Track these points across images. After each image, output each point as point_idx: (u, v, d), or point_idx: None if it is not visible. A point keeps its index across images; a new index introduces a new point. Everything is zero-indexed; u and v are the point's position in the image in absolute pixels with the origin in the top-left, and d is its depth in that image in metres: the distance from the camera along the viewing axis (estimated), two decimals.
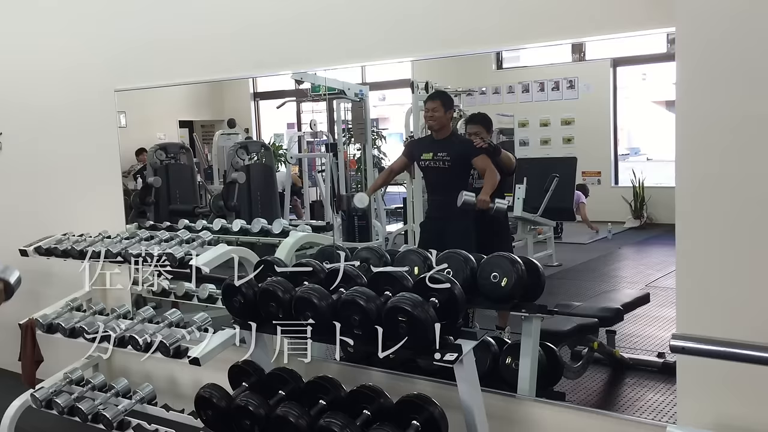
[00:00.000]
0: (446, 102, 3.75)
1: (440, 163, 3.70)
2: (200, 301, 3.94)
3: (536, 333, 2.86)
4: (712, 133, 2.13)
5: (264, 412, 2.74)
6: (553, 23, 2.77)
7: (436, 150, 3.71)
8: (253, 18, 3.62)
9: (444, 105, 3.71)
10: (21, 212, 4.87)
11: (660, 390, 3.03)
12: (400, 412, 2.59)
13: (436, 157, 3.71)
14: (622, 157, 4.32)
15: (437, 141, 3.73)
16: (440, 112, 3.69)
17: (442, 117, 3.70)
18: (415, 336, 2.45)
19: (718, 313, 2.17)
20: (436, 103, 3.72)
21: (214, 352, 3.10)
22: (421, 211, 4.12)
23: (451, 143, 3.71)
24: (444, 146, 3.69)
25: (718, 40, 2.09)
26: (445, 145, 3.70)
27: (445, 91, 3.96)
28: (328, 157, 4.74)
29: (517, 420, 2.90)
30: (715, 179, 2.14)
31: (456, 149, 3.69)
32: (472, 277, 2.83)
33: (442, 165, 3.69)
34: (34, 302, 4.32)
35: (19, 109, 4.80)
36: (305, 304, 2.70)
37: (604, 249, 4.39)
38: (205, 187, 5.16)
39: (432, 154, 3.72)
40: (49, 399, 3.69)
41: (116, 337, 3.45)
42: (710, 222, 2.17)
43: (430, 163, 3.73)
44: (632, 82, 4.38)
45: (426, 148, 3.77)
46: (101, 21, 4.27)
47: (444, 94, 3.90)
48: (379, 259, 3.16)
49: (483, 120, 3.91)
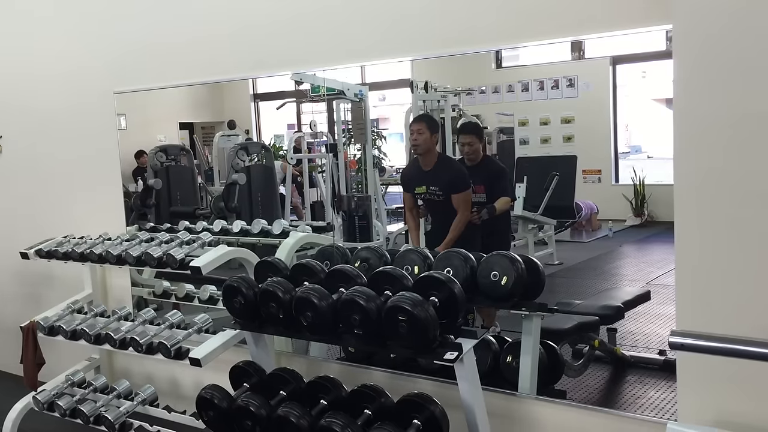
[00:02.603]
0: (432, 125, 3.67)
1: (434, 196, 3.65)
2: (201, 302, 3.95)
3: (537, 331, 2.86)
4: (711, 130, 2.13)
5: (265, 412, 2.74)
6: (551, 21, 2.76)
7: (428, 183, 3.64)
8: (251, 19, 3.63)
9: (429, 128, 3.63)
10: (21, 215, 4.89)
11: (661, 387, 3.03)
12: (401, 411, 2.59)
13: (429, 191, 3.66)
14: (623, 155, 4.31)
15: (426, 173, 3.64)
16: (425, 135, 3.60)
17: (427, 140, 3.60)
18: (416, 335, 2.45)
19: (718, 310, 2.17)
20: (421, 125, 3.63)
21: (215, 353, 3.10)
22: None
23: (439, 176, 3.62)
24: (434, 179, 3.61)
25: (715, 37, 2.09)
26: (435, 178, 3.61)
27: (430, 115, 3.91)
28: (328, 158, 4.74)
29: (518, 418, 2.90)
30: (713, 176, 2.14)
31: (445, 182, 3.60)
32: (472, 275, 2.82)
33: (437, 198, 3.64)
34: (35, 305, 4.34)
35: (18, 112, 4.81)
36: (305, 305, 2.70)
37: (604, 247, 4.39)
38: (206, 188, 5.17)
39: (425, 187, 3.66)
40: (50, 401, 3.70)
41: (117, 339, 3.46)
42: (709, 219, 2.17)
43: (425, 195, 3.69)
44: (632, 80, 4.37)
45: (418, 181, 3.69)
46: (100, 23, 4.28)
47: (430, 117, 3.84)
48: (379, 258, 3.17)
49: (475, 129, 3.88)
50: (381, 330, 2.54)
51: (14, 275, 4.88)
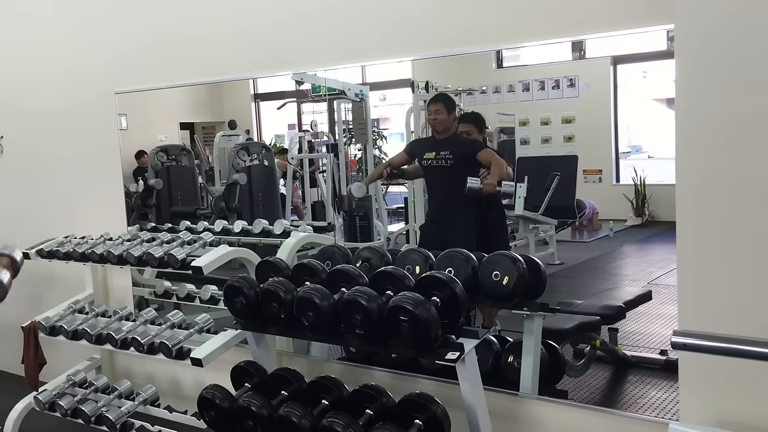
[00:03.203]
0: (449, 104, 3.77)
1: (443, 161, 3.70)
2: (202, 302, 3.95)
3: (538, 331, 2.86)
4: (712, 130, 2.13)
5: (267, 412, 2.74)
6: (551, 21, 2.76)
7: (438, 149, 3.72)
8: (252, 19, 3.63)
9: (447, 107, 3.73)
10: (22, 215, 4.88)
11: (662, 387, 3.03)
12: (403, 411, 2.59)
13: (438, 156, 3.71)
14: (624, 155, 4.31)
15: (440, 141, 3.74)
16: (443, 114, 3.71)
17: (445, 119, 3.72)
18: (417, 335, 2.45)
19: (720, 310, 2.17)
20: (438, 105, 3.74)
21: (216, 353, 3.10)
22: (423, 211, 4.11)
23: (454, 142, 3.72)
24: (447, 145, 3.71)
25: (717, 36, 2.09)
26: (447, 144, 3.71)
27: (447, 94, 3.97)
28: (329, 158, 4.74)
29: (520, 418, 2.90)
30: (714, 176, 2.14)
31: (459, 148, 3.71)
32: (473, 275, 2.82)
33: (445, 164, 3.70)
34: (36, 305, 4.33)
35: (19, 112, 4.81)
36: (307, 304, 2.70)
37: (606, 247, 4.39)
38: (207, 188, 5.17)
39: (435, 153, 3.73)
40: (52, 401, 3.70)
41: (119, 339, 3.46)
42: (711, 219, 2.17)
43: (433, 162, 3.74)
44: (633, 79, 4.37)
45: (429, 148, 3.79)
46: (100, 24, 4.28)
47: (446, 96, 3.91)
48: (381, 258, 3.17)
49: (475, 119, 3.91)
50: (382, 330, 2.54)
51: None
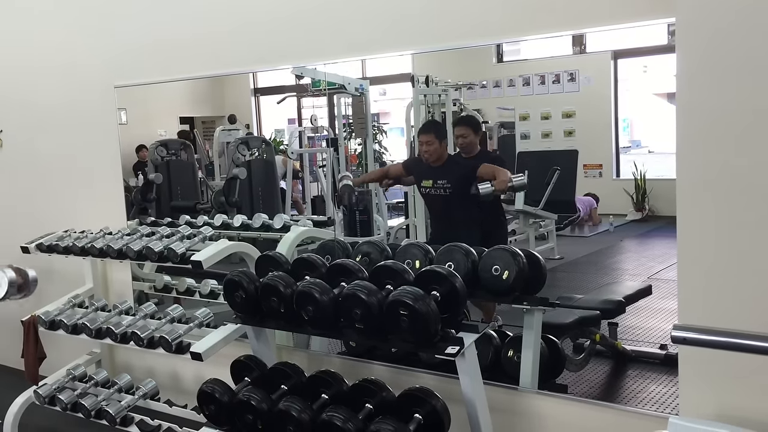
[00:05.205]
0: (439, 133, 3.68)
1: (441, 190, 3.62)
2: (202, 296, 3.95)
3: (538, 326, 2.87)
4: (713, 125, 2.12)
5: (266, 406, 2.74)
6: (552, 15, 2.76)
7: (435, 178, 3.62)
8: (252, 11, 3.62)
9: (438, 137, 3.64)
10: (21, 210, 4.88)
11: (662, 382, 3.03)
12: (402, 405, 2.59)
13: (436, 185, 3.63)
14: (624, 150, 4.30)
15: (435, 168, 3.63)
16: (435, 145, 3.61)
17: (437, 149, 3.61)
18: (417, 329, 2.45)
19: (720, 304, 2.17)
20: (429, 136, 3.63)
21: (216, 348, 3.10)
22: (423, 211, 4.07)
23: (450, 170, 3.61)
24: (443, 174, 3.60)
25: (718, 30, 2.08)
26: (444, 173, 3.60)
27: (436, 121, 3.92)
28: (329, 152, 4.73)
29: (520, 412, 2.91)
30: (715, 170, 2.14)
31: (455, 174, 3.59)
32: (473, 270, 2.82)
33: (444, 192, 3.62)
34: (36, 299, 4.34)
35: (18, 106, 4.81)
36: (307, 299, 2.70)
37: (606, 242, 4.38)
38: (206, 183, 5.16)
39: (431, 182, 3.64)
40: (52, 395, 3.71)
41: (118, 333, 3.46)
42: (711, 213, 2.16)
43: (431, 190, 3.66)
44: (633, 74, 4.36)
45: (426, 175, 3.67)
46: (100, 17, 4.27)
47: (436, 125, 3.86)
48: (380, 253, 3.16)
49: (470, 122, 3.86)
50: (382, 324, 2.54)
51: None
